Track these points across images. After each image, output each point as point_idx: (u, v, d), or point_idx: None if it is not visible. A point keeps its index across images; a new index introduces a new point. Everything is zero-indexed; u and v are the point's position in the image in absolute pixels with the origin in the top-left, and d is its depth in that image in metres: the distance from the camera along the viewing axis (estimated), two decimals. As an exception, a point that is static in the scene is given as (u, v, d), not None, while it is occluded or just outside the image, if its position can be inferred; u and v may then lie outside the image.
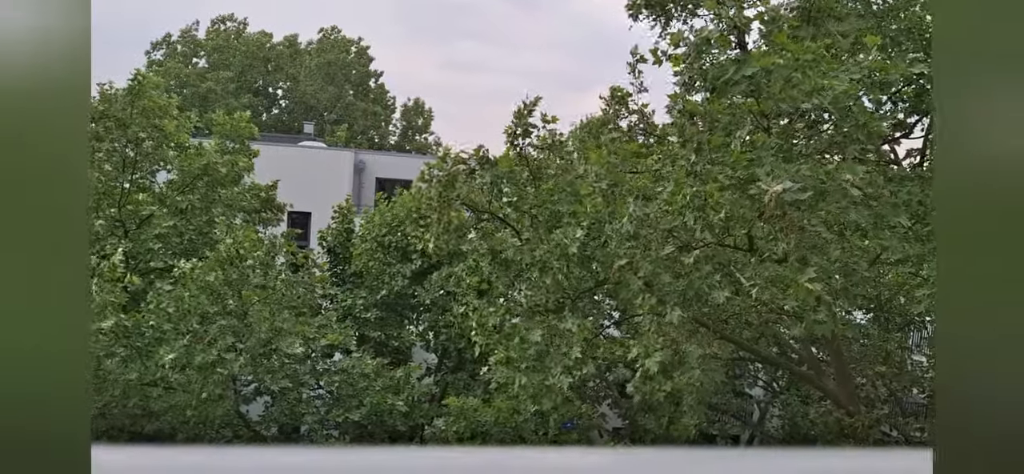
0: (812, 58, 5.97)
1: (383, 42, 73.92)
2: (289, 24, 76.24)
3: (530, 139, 9.21)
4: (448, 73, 69.67)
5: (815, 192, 5.86)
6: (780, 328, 12.79)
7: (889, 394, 14.32)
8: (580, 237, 7.18)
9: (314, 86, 47.51)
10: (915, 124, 11.15)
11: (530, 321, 8.27)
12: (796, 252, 5.97)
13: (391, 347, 17.25)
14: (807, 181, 5.74)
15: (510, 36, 73.64)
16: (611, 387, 16.08)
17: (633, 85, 10.14)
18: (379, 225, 17.25)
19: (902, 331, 14.86)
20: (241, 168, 17.13)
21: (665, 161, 7.98)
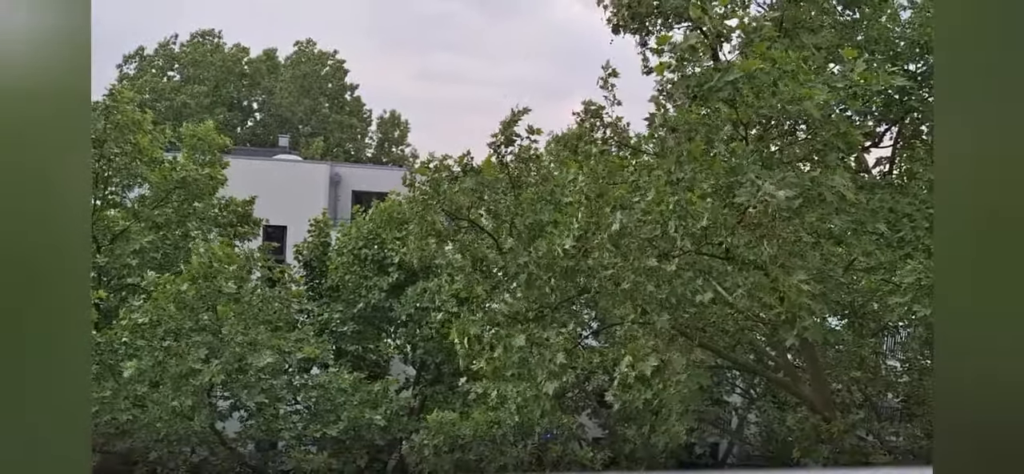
0: (792, 68, 6.07)
1: (359, 54, 73.82)
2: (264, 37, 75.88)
3: (512, 148, 9.25)
4: (424, 84, 69.70)
5: (803, 199, 5.94)
6: (757, 335, 12.92)
7: (864, 399, 14.49)
8: (569, 246, 7.20)
9: (289, 99, 47.26)
10: (884, 133, 11.37)
11: (512, 328, 8.27)
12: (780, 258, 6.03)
13: (369, 361, 17.13)
14: (796, 187, 5.82)
15: (486, 47, 73.89)
16: (590, 397, 16.10)
17: (607, 98, 10.23)
18: (356, 238, 17.16)
19: (876, 336, 15.06)
20: (215, 180, 16.96)
21: (641, 172, 8.04)
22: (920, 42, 10.07)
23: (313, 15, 70.69)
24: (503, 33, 72.07)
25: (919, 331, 13.30)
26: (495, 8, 72.45)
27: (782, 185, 5.83)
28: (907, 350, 15.40)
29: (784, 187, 5.74)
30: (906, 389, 14.93)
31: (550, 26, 69.81)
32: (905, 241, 9.22)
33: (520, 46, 72.78)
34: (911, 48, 10.20)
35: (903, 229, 9.35)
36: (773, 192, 5.55)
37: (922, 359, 14.56)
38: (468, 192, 8.98)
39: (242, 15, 64.74)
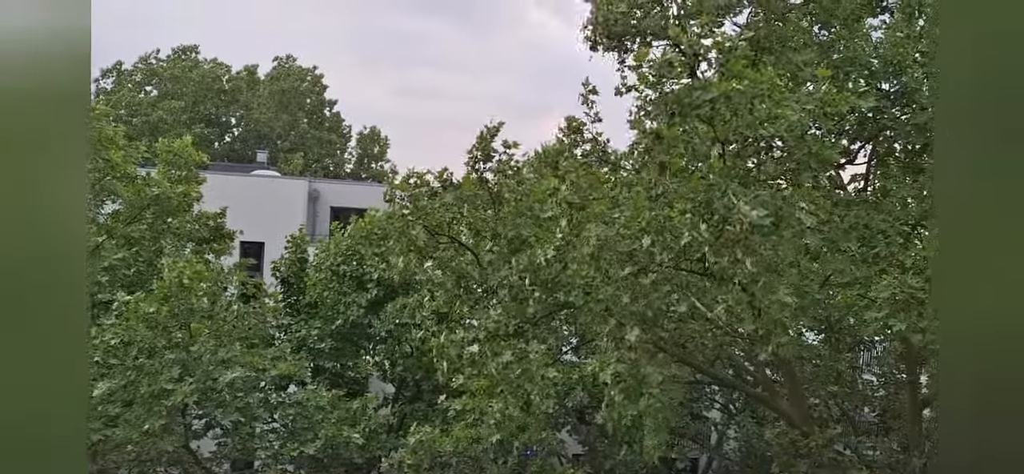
0: (768, 87, 6.14)
1: (338, 70, 73.69)
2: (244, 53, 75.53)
3: (491, 163, 9.26)
4: (404, 100, 69.68)
5: (776, 218, 6.00)
6: (735, 350, 12.99)
7: (841, 413, 14.61)
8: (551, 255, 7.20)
9: (268, 114, 46.99)
10: (859, 150, 11.53)
11: (494, 345, 8.24)
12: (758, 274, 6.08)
13: (347, 378, 16.97)
14: (769, 206, 5.88)
15: (466, 63, 74.10)
16: (570, 413, 16.07)
17: (587, 115, 10.29)
18: (334, 254, 17.04)
19: (852, 351, 15.20)
20: (190, 196, 16.78)
21: (621, 187, 8.08)
22: (893, 62, 10.24)
23: (293, 30, 70.59)
24: (482, 49, 72.39)
25: (894, 345, 13.45)
26: (474, 24, 72.79)
27: (755, 204, 5.88)
28: (883, 364, 15.57)
29: (757, 206, 5.79)
30: (882, 403, 15.08)
31: (529, 43, 70.24)
32: (880, 257, 9.34)
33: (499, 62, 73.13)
34: (885, 67, 10.37)
35: (878, 245, 9.47)
36: (747, 212, 5.60)
37: (898, 373, 14.71)
38: (448, 207, 8.96)
39: (223, 30, 64.43)
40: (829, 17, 10.59)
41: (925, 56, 10.27)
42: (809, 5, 10.76)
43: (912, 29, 10.67)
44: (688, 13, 9.57)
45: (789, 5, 10.76)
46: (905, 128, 10.36)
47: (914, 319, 7.85)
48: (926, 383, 13.58)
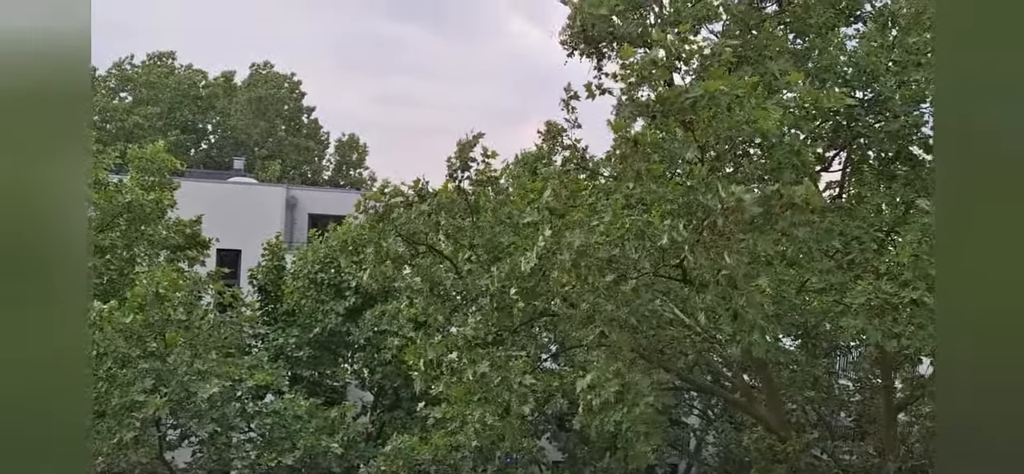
0: (746, 91, 6.19)
1: (316, 77, 73.30)
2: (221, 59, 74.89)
3: (469, 172, 9.25)
4: (383, 107, 69.48)
5: (765, 212, 6.04)
6: (714, 357, 13.06)
7: (818, 418, 14.74)
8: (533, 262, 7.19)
9: (245, 121, 46.60)
10: (834, 158, 11.67)
11: (472, 353, 8.21)
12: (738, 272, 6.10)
13: (325, 386, 16.83)
14: (760, 201, 5.92)
15: (445, 71, 74.10)
16: (550, 420, 16.06)
17: (568, 121, 10.32)
18: (312, 262, 16.91)
19: (828, 356, 15.35)
20: (164, 203, 16.56)
21: (600, 194, 8.10)
22: (866, 70, 10.38)
23: (270, 37, 70.16)
24: (461, 57, 72.42)
25: (870, 350, 13.60)
26: (453, 32, 72.81)
27: (748, 193, 5.92)
28: (858, 369, 15.74)
29: (750, 193, 5.83)
30: (858, 408, 15.24)
31: (507, 50, 70.40)
32: (855, 263, 9.44)
33: (479, 70, 73.20)
34: (858, 76, 10.51)
35: (852, 252, 9.57)
36: (741, 195, 5.62)
37: (873, 378, 14.88)
38: (424, 217, 8.93)
39: (199, 37, 63.90)
40: (803, 26, 10.73)
41: (898, 65, 10.43)
42: (784, 14, 10.89)
43: (885, 38, 10.82)
44: (666, 21, 9.64)
45: (764, 15, 10.89)
46: (879, 136, 10.49)
47: (888, 325, 7.93)
48: (900, 388, 13.74)
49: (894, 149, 10.75)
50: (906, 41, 10.46)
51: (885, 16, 10.96)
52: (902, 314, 7.83)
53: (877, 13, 11.03)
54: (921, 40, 10.49)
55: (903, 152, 10.83)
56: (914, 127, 10.31)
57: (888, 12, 10.96)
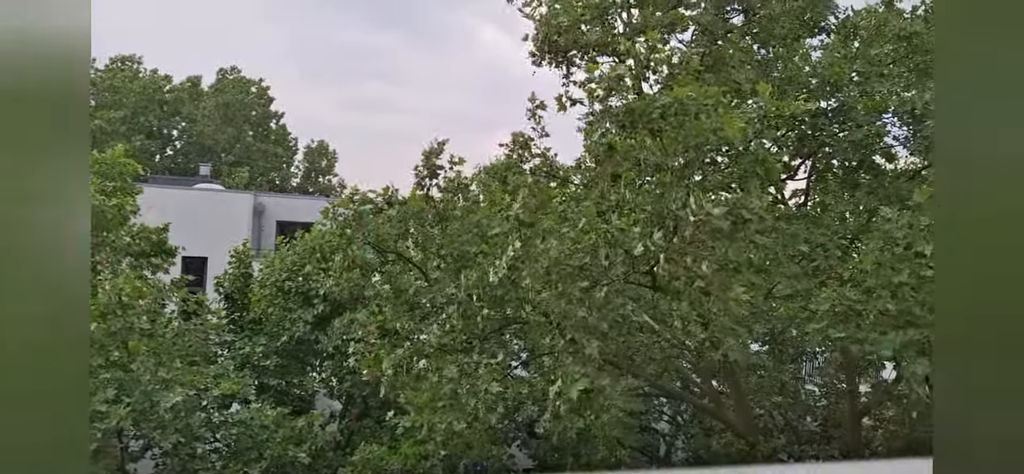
0: (711, 102, 6.26)
1: (285, 83, 72.64)
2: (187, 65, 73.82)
3: (437, 180, 9.22)
4: (352, 114, 69.05)
5: (734, 221, 6.10)
6: (683, 363, 13.16)
7: (785, 423, 14.92)
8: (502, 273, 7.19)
9: (212, 127, 45.99)
10: (799, 167, 11.86)
11: (441, 360, 8.17)
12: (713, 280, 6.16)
13: (293, 395, 16.62)
14: (726, 206, 5.98)
15: (415, 78, 73.91)
16: (520, 428, 16.04)
17: (535, 130, 10.35)
18: (279, 269, 16.71)
19: (795, 362, 15.57)
20: (125, 209, 16.22)
21: (570, 202, 8.13)
22: (830, 81, 10.58)
23: (238, 43, 69.37)
24: (431, 65, 72.34)
25: (835, 356, 13.81)
26: (423, 40, 72.73)
27: (717, 204, 5.98)
28: (824, 375, 15.98)
29: (718, 206, 5.89)
30: (824, 412, 15.46)
31: (478, 58, 70.49)
32: (820, 270, 9.58)
33: (448, 78, 73.17)
34: (822, 86, 10.70)
35: (817, 259, 9.72)
36: (711, 210, 5.68)
37: (838, 383, 15.11)
38: (393, 224, 8.88)
39: (165, 42, 63.00)
40: (769, 37, 10.90)
41: (860, 76, 10.64)
42: (750, 25, 11.05)
43: (848, 49, 11.04)
44: (633, 29, 9.72)
45: (731, 25, 11.05)
46: (842, 145, 10.69)
47: (853, 330, 8.06)
48: (864, 393, 13.98)
49: (857, 158, 10.95)
50: (868, 53, 10.68)
51: (847, 28, 11.19)
52: (866, 320, 7.96)
53: (840, 25, 11.26)
54: (883, 52, 10.71)
55: (866, 161, 11.04)
56: (877, 137, 10.52)
57: (850, 24, 11.18)
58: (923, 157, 10.66)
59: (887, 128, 10.74)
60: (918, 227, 7.83)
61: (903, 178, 10.95)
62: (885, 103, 10.21)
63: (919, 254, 7.59)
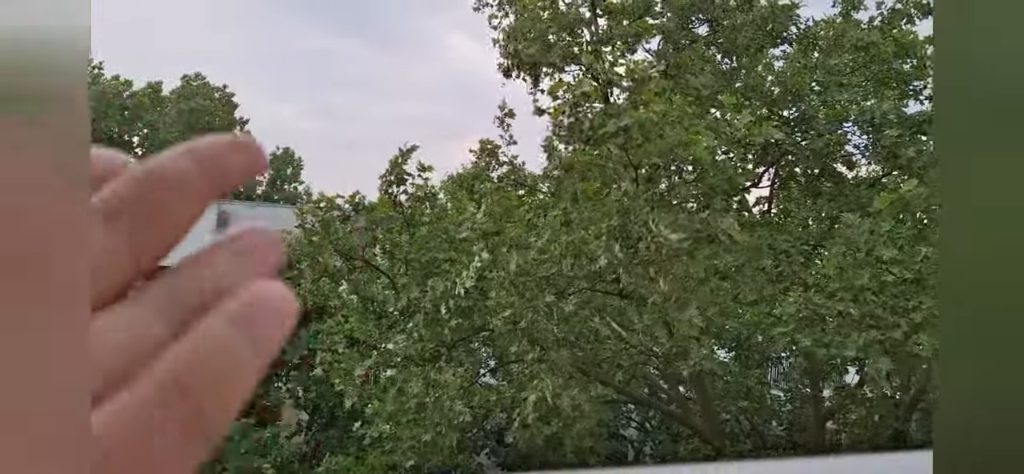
0: (677, 114, 6.33)
1: (251, 88, 71.77)
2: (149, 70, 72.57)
3: (404, 186, 9.17)
4: (320, 122, 68.48)
5: (693, 240, 6.16)
6: (651, 369, 13.26)
7: (751, 428, 15.09)
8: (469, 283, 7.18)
9: (174, 133, 45.26)
10: (763, 174, 12.05)
11: (406, 371, 8.12)
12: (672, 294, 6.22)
13: (257, 406, 16.38)
14: (687, 228, 6.04)
15: (383, 85, 73.55)
16: (489, 436, 15.99)
17: (503, 138, 10.36)
18: (245, 278, 16.49)
19: (760, 368, 15.77)
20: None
21: (537, 211, 8.15)
22: (792, 90, 10.77)
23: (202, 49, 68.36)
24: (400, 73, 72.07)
25: (799, 361, 14.03)
26: (392, 48, 72.46)
27: (675, 227, 6.03)
28: (789, 380, 16.20)
29: (677, 229, 5.94)
30: (788, 416, 15.68)
31: (447, 67, 70.42)
32: (784, 276, 9.73)
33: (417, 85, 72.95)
34: (784, 95, 10.90)
35: (781, 265, 9.87)
36: (668, 235, 5.73)
37: (803, 388, 15.34)
38: (360, 232, 8.82)
39: (126, 47, 61.87)
40: (733, 47, 11.07)
41: (821, 85, 10.85)
42: (715, 35, 11.21)
43: (808, 60, 11.26)
44: (600, 40, 9.80)
45: (695, 35, 11.20)
46: (804, 153, 10.88)
47: (818, 334, 8.20)
48: (828, 397, 14.21)
49: (819, 166, 11.16)
50: (827, 63, 10.90)
51: (808, 39, 11.41)
52: (830, 324, 8.10)
53: (801, 36, 11.47)
54: (841, 62, 10.95)
55: (827, 169, 11.26)
56: (837, 145, 10.74)
57: (810, 35, 11.40)
58: (882, 165, 10.90)
59: (847, 137, 10.97)
60: (879, 233, 8.00)
61: (863, 185, 11.19)
62: (845, 112, 10.43)
63: (880, 259, 7.76)
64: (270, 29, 68.77)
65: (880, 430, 13.85)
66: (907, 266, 7.63)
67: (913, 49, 11.63)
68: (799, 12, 11.27)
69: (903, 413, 13.59)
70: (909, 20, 11.82)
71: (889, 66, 11.22)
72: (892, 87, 11.14)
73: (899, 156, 9.90)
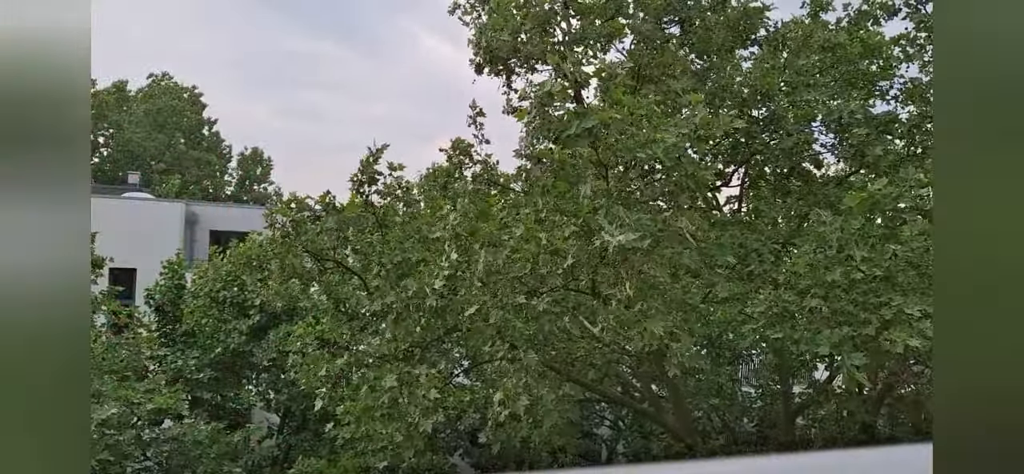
0: (644, 113, 6.34)
1: (219, 89, 70.83)
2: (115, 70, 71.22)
3: (376, 186, 9.09)
4: (290, 122, 67.79)
5: (653, 239, 6.17)
6: (623, 367, 13.31)
7: (723, 425, 15.23)
8: (440, 286, 7.12)
9: (141, 134, 44.49)
10: (733, 173, 12.16)
11: (380, 369, 8.05)
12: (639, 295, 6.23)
13: (228, 409, 16.17)
14: (646, 228, 6.04)
15: (355, 85, 73.03)
16: (462, 436, 15.96)
17: (476, 136, 10.31)
18: (213, 280, 16.25)
19: (731, 365, 15.91)
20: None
21: (510, 210, 8.13)
22: (761, 91, 10.88)
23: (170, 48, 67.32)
24: (372, 72, 71.65)
25: (769, 358, 14.18)
26: (363, 47, 72.00)
27: (637, 226, 6.03)
28: (759, 377, 16.39)
29: (637, 229, 5.94)
30: (759, 413, 15.85)
31: (420, 67, 70.15)
32: (754, 274, 9.82)
33: (389, 85, 72.56)
34: (754, 96, 11.00)
35: (751, 263, 9.96)
36: (615, 235, 5.74)
37: (773, 384, 15.52)
38: (331, 232, 8.72)
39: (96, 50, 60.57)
40: (705, 47, 11.14)
41: (789, 86, 10.97)
42: (687, 36, 11.28)
43: (777, 61, 11.38)
44: (572, 39, 9.80)
45: (668, 35, 11.26)
46: (774, 153, 10.99)
47: (788, 330, 8.27)
48: (798, 393, 14.39)
49: (788, 165, 11.29)
50: (796, 63, 11.03)
51: (776, 40, 11.53)
52: (800, 321, 8.19)
53: (769, 37, 11.59)
54: (809, 62, 11.08)
55: (796, 168, 11.39)
56: (806, 144, 10.87)
57: (779, 36, 11.53)
58: (849, 164, 11.05)
59: (815, 136, 11.11)
60: (849, 230, 8.10)
61: (831, 184, 11.33)
62: (813, 112, 10.55)
63: (850, 256, 7.86)
64: (241, 30, 67.94)
65: (849, 425, 14.06)
66: (876, 263, 7.73)
67: (879, 50, 11.81)
68: (768, 14, 11.39)
69: (871, 407, 13.81)
70: (875, 21, 12.01)
71: (856, 66, 11.37)
72: (859, 87, 11.30)
73: (866, 155, 10.04)
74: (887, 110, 11.31)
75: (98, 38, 35.74)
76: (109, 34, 61.79)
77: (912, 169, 8.60)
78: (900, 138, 10.94)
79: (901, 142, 10.91)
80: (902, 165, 9.32)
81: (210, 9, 65.56)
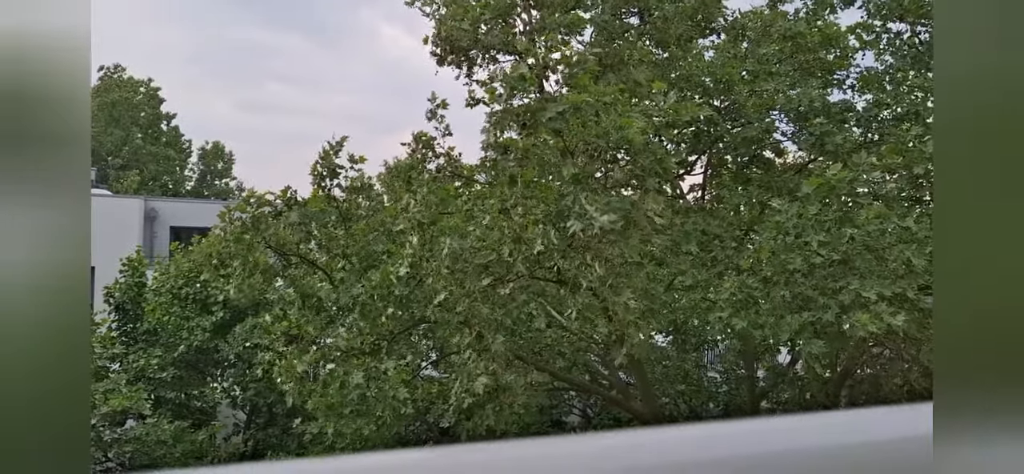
0: (611, 100, 6.38)
1: (177, 83, 69.40)
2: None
3: (338, 180, 9.01)
4: (251, 115, 66.75)
5: (625, 222, 6.23)
6: (591, 356, 13.41)
7: (690, 411, 15.45)
8: (404, 273, 7.10)
9: (96, 129, 43.43)
10: (696, 162, 12.30)
11: (347, 364, 8.00)
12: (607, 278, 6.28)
13: (193, 408, 15.92)
14: (619, 210, 6.10)
15: (317, 78, 72.14)
16: (432, 428, 15.94)
17: (438, 129, 10.27)
18: (175, 276, 15.97)
19: (697, 351, 16.13)
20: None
21: (475, 200, 8.12)
22: (722, 80, 11.01)
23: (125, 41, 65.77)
24: (334, 65, 70.84)
25: (734, 344, 14.41)
26: (325, 40, 71.13)
27: (606, 209, 6.09)
28: (724, 362, 16.65)
29: (608, 212, 6.00)
30: (725, 398, 16.11)
31: (381, 59, 69.53)
32: (718, 261, 9.96)
33: (352, 79, 71.83)
34: (716, 85, 11.13)
35: (714, 249, 10.10)
36: (597, 217, 5.78)
37: (738, 369, 15.78)
38: (294, 227, 8.63)
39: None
40: (664, 37, 11.23)
41: (750, 75, 11.12)
42: (646, 27, 11.36)
43: (738, 50, 11.52)
44: (533, 29, 9.81)
45: (627, 26, 11.33)
46: (735, 141, 11.14)
47: (752, 317, 8.41)
48: (762, 377, 14.65)
49: (749, 154, 11.45)
50: (756, 52, 11.18)
51: (736, 30, 11.67)
52: (763, 307, 8.33)
53: (730, 27, 11.72)
54: (769, 51, 11.25)
55: (757, 156, 11.56)
56: (766, 133, 11.03)
57: (739, 26, 11.66)
58: (809, 152, 11.25)
59: (775, 125, 11.28)
60: (807, 217, 8.24)
61: (791, 172, 11.53)
62: (772, 101, 10.72)
63: (808, 243, 8.00)
64: (198, 22, 66.65)
65: (811, 407, 14.36)
66: (834, 248, 7.88)
67: (836, 39, 12.03)
68: (726, 4, 11.51)
69: (832, 390, 14.13)
70: (832, 10, 12.22)
71: (815, 55, 11.56)
72: (817, 76, 11.50)
73: (826, 144, 10.23)
74: (843, 99, 11.53)
75: (50, 31, 35.06)
76: (61, 27, 60.06)
77: (865, 154, 8.78)
78: (857, 126, 11.17)
79: (859, 130, 11.14)
80: (856, 152, 9.51)
81: (165, 2, 64.20)
